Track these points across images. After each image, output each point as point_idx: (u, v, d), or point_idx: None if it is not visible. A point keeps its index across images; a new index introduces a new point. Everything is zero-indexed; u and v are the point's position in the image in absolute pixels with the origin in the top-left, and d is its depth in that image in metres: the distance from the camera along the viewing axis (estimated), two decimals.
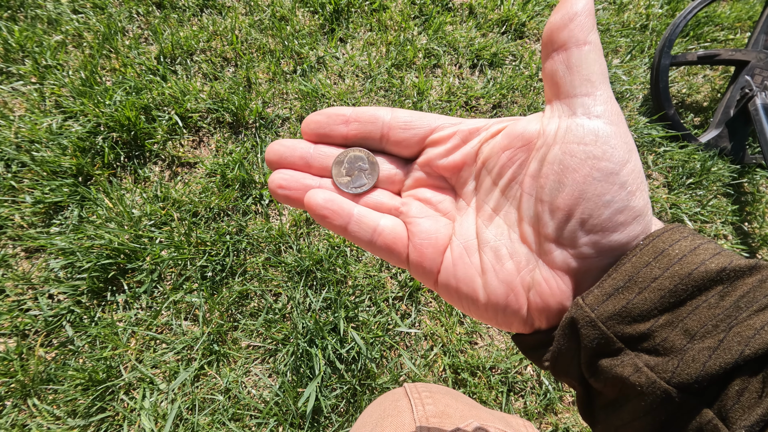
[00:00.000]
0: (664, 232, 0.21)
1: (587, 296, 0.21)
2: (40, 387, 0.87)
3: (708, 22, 1.49)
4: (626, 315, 0.20)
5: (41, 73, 1.15)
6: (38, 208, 1.01)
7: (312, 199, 0.25)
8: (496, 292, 0.23)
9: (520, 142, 0.24)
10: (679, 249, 0.20)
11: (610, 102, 0.21)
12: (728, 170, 1.24)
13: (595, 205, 0.20)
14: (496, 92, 1.28)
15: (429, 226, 0.25)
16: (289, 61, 1.28)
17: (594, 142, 0.21)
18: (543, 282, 0.22)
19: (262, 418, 0.88)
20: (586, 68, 0.21)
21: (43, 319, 0.92)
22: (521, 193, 0.23)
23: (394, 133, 0.26)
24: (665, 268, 0.19)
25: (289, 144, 0.26)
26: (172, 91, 1.15)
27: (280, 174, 0.25)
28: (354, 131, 0.26)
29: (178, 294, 0.96)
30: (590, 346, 0.20)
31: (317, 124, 0.26)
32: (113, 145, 1.09)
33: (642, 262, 0.20)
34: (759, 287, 0.18)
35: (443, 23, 1.38)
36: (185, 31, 1.26)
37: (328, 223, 0.25)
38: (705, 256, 0.19)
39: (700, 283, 0.19)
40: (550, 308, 0.22)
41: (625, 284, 0.20)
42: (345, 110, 0.26)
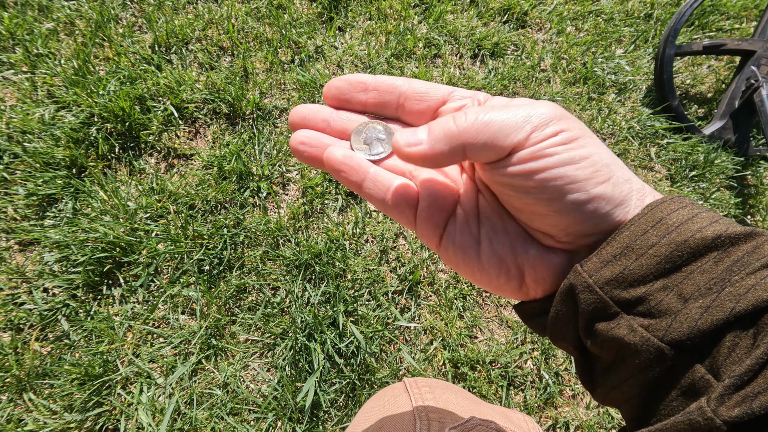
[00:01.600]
0: (663, 201, 0.21)
1: (585, 263, 0.21)
2: (35, 381, 0.86)
3: (714, 11, 1.46)
4: (623, 280, 0.20)
5: (32, 62, 1.13)
6: (31, 201, 1.00)
7: (331, 155, 0.26)
8: (489, 261, 0.24)
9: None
10: (676, 217, 0.20)
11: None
12: (732, 162, 1.23)
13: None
14: (497, 83, 1.26)
15: (436, 191, 0.26)
16: (286, 50, 1.25)
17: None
18: (537, 257, 0.24)
19: (261, 413, 0.87)
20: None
21: (38, 313, 0.91)
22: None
23: (409, 103, 0.27)
24: (662, 236, 0.20)
25: (313, 108, 0.27)
26: (167, 81, 1.13)
27: (303, 132, 0.27)
28: (372, 99, 0.27)
29: (175, 288, 0.95)
30: (587, 311, 0.21)
31: (338, 89, 0.27)
32: (107, 136, 1.07)
33: (640, 230, 0.20)
34: (753, 252, 0.19)
35: (444, 12, 1.35)
36: (180, 20, 1.24)
37: (344, 178, 0.26)
38: (702, 224, 0.20)
39: (696, 250, 0.19)
40: (545, 280, 0.24)
41: (623, 251, 0.20)
42: (365, 78, 0.27)
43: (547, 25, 1.39)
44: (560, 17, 1.39)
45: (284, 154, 1.12)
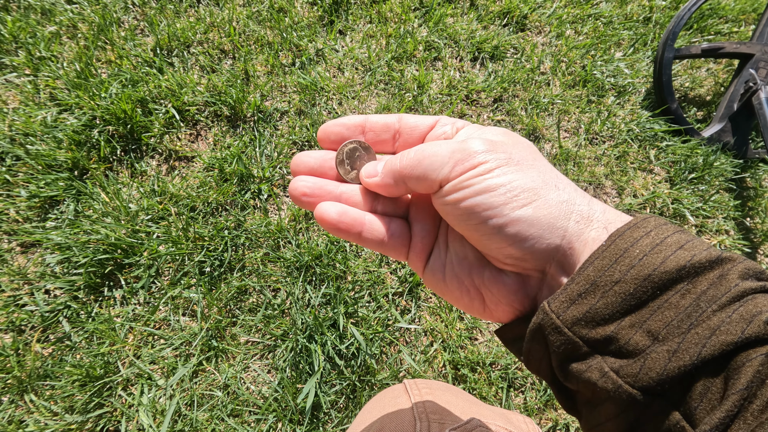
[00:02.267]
0: (628, 229, 0.21)
1: (553, 302, 0.22)
2: (36, 383, 0.86)
3: (712, 14, 1.47)
4: (590, 319, 0.20)
5: (35, 65, 1.13)
6: (33, 203, 1.00)
7: (327, 216, 0.27)
8: (452, 283, 0.27)
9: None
10: (640, 248, 0.20)
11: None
12: (731, 165, 1.23)
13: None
14: (497, 86, 1.27)
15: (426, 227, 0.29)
16: (287, 53, 1.26)
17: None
18: (491, 278, 0.25)
19: (261, 414, 0.87)
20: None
21: (39, 315, 0.91)
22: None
23: (403, 137, 0.29)
24: (626, 271, 0.20)
25: (316, 156, 0.29)
26: (168, 84, 1.14)
27: (302, 181, 0.28)
28: (370, 139, 0.29)
29: (176, 289, 0.95)
30: (558, 351, 0.21)
31: (338, 135, 0.28)
32: (109, 139, 1.07)
33: (604, 265, 0.20)
34: (719, 283, 0.18)
35: (444, 15, 1.36)
36: (182, 23, 1.24)
37: (344, 234, 0.27)
38: (666, 253, 0.20)
39: (660, 284, 0.19)
40: (501, 301, 0.25)
41: (588, 289, 0.21)
42: (360, 119, 0.29)
43: (547, 28, 1.40)
44: (560, 20, 1.40)
45: (285, 156, 1.13)
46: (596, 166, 1.21)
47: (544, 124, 1.24)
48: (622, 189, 1.20)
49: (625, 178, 1.21)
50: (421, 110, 1.22)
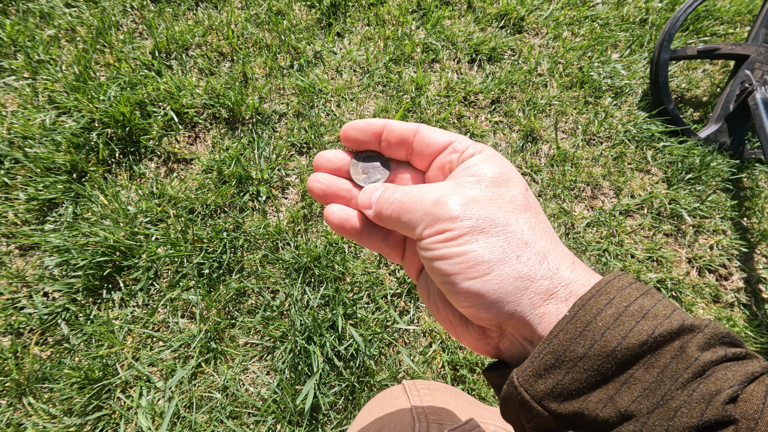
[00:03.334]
0: (591, 297, 0.21)
1: (521, 375, 0.22)
2: (35, 386, 0.86)
3: (708, 16, 1.48)
4: (558, 394, 0.21)
5: (34, 68, 1.13)
6: (32, 205, 1.00)
7: (331, 217, 0.29)
8: (433, 306, 0.29)
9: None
10: (602, 321, 0.20)
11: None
12: (727, 165, 1.24)
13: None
14: (494, 87, 1.27)
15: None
16: (286, 56, 1.26)
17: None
18: (459, 321, 0.27)
19: (260, 416, 0.87)
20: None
21: (37, 318, 0.91)
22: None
23: (417, 149, 0.30)
24: (589, 346, 0.20)
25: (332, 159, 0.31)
26: (167, 87, 1.14)
27: (319, 178, 0.30)
28: (385, 148, 0.30)
29: (174, 291, 0.95)
30: (529, 425, 0.22)
31: (355, 139, 0.30)
32: (108, 141, 1.08)
33: (567, 339, 0.21)
34: (680, 356, 0.19)
35: (441, 17, 1.36)
36: (180, 26, 1.25)
37: (347, 234, 0.30)
38: (629, 325, 0.20)
39: (624, 360, 0.19)
40: (470, 342, 0.26)
41: (554, 363, 0.21)
42: (381, 123, 0.29)
43: (544, 30, 1.41)
44: (556, 22, 1.41)
45: (283, 158, 1.13)
46: (594, 167, 1.22)
47: (541, 125, 1.25)
48: (619, 189, 1.20)
49: (623, 178, 1.21)
50: (419, 112, 1.22)
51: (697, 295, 1.10)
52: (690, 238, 1.16)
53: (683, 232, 1.17)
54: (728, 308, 1.10)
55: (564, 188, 1.18)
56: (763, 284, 1.13)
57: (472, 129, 1.22)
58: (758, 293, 1.12)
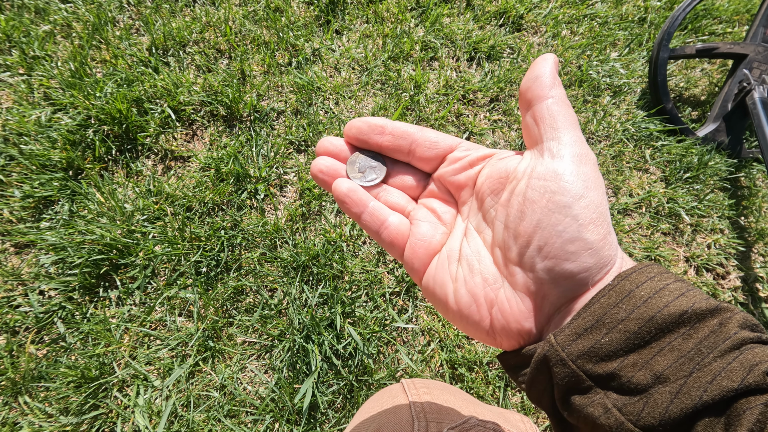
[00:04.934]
0: (633, 272, 0.22)
1: (558, 335, 0.22)
2: (31, 384, 0.85)
3: (706, 15, 1.48)
4: (594, 354, 0.21)
5: (29, 64, 1.12)
6: (27, 203, 0.99)
7: (337, 188, 0.29)
8: (462, 300, 0.26)
9: (499, 174, 0.27)
10: (644, 291, 0.21)
11: (575, 145, 0.24)
12: (725, 164, 1.24)
13: (549, 233, 0.23)
14: (493, 85, 1.27)
15: (426, 230, 0.29)
16: (284, 53, 1.25)
17: (553, 178, 0.23)
18: (505, 301, 0.25)
19: (258, 415, 0.87)
20: (550, 118, 0.25)
21: (33, 316, 0.90)
22: (494, 219, 0.27)
23: (419, 150, 0.29)
24: (630, 311, 0.21)
25: (337, 143, 0.30)
26: (164, 84, 1.13)
27: (322, 160, 0.30)
28: (387, 142, 0.29)
29: (172, 290, 0.95)
30: (561, 384, 0.22)
31: (358, 129, 0.29)
32: (104, 139, 1.07)
33: (610, 303, 0.21)
34: (719, 330, 0.19)
35: (440, 15, 1.36)
36: (177, 22, 1.24)
37: (347, 209, 0.29)
38: (669, 298, 0.20)
39: (663, 326, 0.20)
40: (510, 327, 0.25)
41: (594, 325, 0.21)
42: (384, 122, 0.29)
43: (543, 28, 1.40)
44: (555, 21, 1.41)
45: (281, 156, 1.13)
46: None
47: None
48: (618, 188, 1.21)
49: (621, 177, 1.21)
50: (418, 110, 1.22)
51: None
52: (688, 237, 1.17)
53: (681, 231, 1.17)
54: None
55: None
56: (760, 283, 1.14)
57: (471, 127, 1.22)
58: (755, 292, 1.13)
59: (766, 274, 1.14)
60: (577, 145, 0.24)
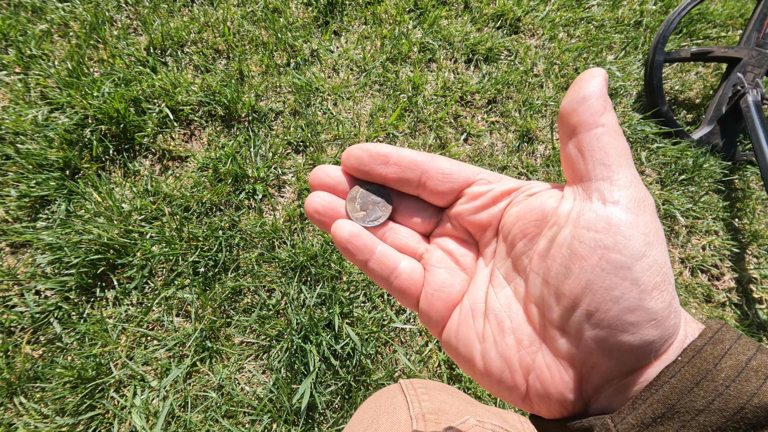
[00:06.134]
0: (706, 344, 0.18)
1: (620, 422, 0.18)
2: (26, 385, 0.85)
3: (701, 19, 1.50)
4: None
5: (26, 63, 1.12)
6: (24, 202, 0.99)
7: (338, 232, 0.25)
8: (492, 364, 0.23)
9: (534, 215, 0.23)
10: (725, 372, 0.17)
11: (631, 187, 0.20)
12: (720, 167, 1.25)
13: (602, 298, 0.19)
14: (491, 87, 1.28)
15: (444, 278, 0.25)
16: (282, 53, 1.26)
17: (606, 230, 0.19)
18: (545, 368, 0.21)
19: (256, 415, 0.87)
20: (600, 152, 0.20)
21: (29, 316, 0.90)
22: (529, 270, 0.23)
23: (431, 183, 0.25)
24: (711, 399, 0.17)
25: (333, 174, 0.26)
26: (162, 83, 1.13)
27: (318, 198, 0.26)
28: (393, 174, 0.25)
29: (169, 290, 0.95)
30: None
31: (358, 159, 0.25)
32: (102, 138, 1.06)
33: (683, 387, 0.17)
34: None
35: (438, 17, 1.36)
36: (176, 22, 1.24)
37: (350, 256, 0.25)
38: (756, 381, 0.17)
39: (755, 422, 0.16)
40: (551, 397, 0.21)
41: (664, 414, 0.18)
42: (387, 150, 0.25)
43: (540, 31, 1.41)
44: (552, 23, 1.42)
45: (279, 156, 1.13)
46: None
47: (537, 125, 1.26)
48: None
49: None
50: (416, 111, 1.22)
51: (690, 295, 1.11)
52: (683, 239, 1.18)
53: (676, 232, 1.19)
54: (720, 308, 1.11)
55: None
56: (753, 284, 1.15)
57: (469, 129, 1.23)
58: (749, 293, 1.14)
59: (760, 276, 1.15)
60: (634, 187, 0.20)
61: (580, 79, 0.21)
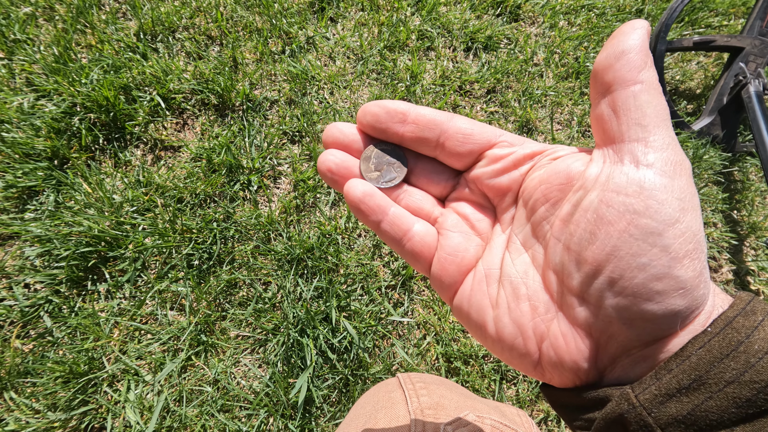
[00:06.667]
0: (737, 315, 0.17)
1: (641, 392, 0.18)
2: (17, 380, 0.83)
3: (703, 7, 1.47)
4: (692, 423, 0.17)
5: (9, 48, 1.08)
6: (10, 193, 0.96)
7: (351, 191, 0.24)
8: (504, 330, 0.22)
9: (558, 179, 0.22)
10: (758, 344, 0.16)
11: (668, 149, 0.18)
12: (719, 158, 1.25)
13: (627, 265, 0.18)
14: (490, 76, 1.26)
15: (458, 242, 0.24)
16: (277, 40, 1.22)
17: (637, 194, 0.18)
18: (560, 336, 0.20)
19: (252, 409, 0.86)
20: (636, 111, 0.19)
21: (18, 310, 0.88)
22: (550, 236, 0.22)
23: (450, 144, 0.24)
24: (742, 371, 0.16)
25: (348, 132, 0.25)
26: (153, 71, 1.10)
27: (331, 156, 0.25)
28: (410, 133, 0.24)
29: (163, 283, 0.93)
30: None
31: (375, 117, 0.24)
32: (91, 127, 1.03)
33: (713, 357, 0.17)
34: None
35: (437, 4, 1.33)
36: (166, 7, 1.20)
37: (363, 217, 0.24)
38: None
39: None
40: (564, 365, 0.20)
41: (691, 384, 0.17)
42: (405, 107, 0.24)
43: (540, 19, 1.39)
44: (553, 11, 1.39)
45: (275, 146, 1.10)
46: None
47: (537, 116, 1.24)
48: None
49: None
50: (415, 100, 1.20)
51: None
52: None
53: None
54: None
55: None
56: (751, 276, 1.15)
57: None
58: (747, 285, 1.14)
59: (757, 268, 1.15)
60: (671, 149, 0.18)
61: (619, 32, 0.19)
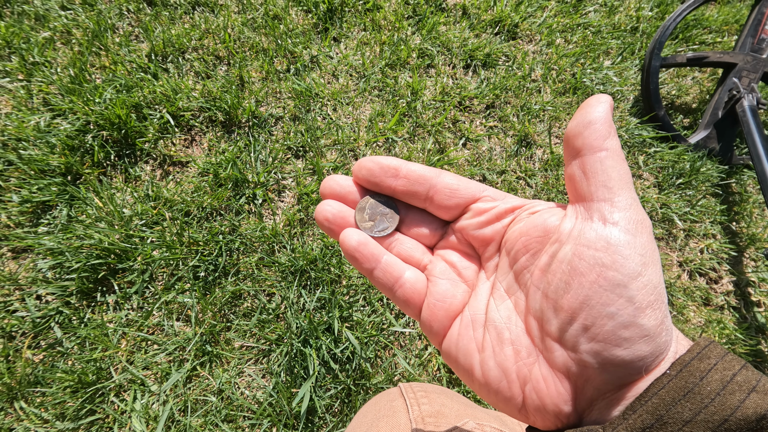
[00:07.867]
0: (693, 359, 0.19)
1: (612, 431, 0.19)
2: (27, 390, 0.85)
3: (696, 24, 1.51)
4: None
5: (28, 70, 1.13)
6: (25, 208, 0.99)
7: (347, 240, 0.26)
8: (490, 374, 0.23)
9: (537, 232, 0.24)
10: (711, 386, 0.18)
11: (630, 209, 0.21)
12: (716, 171, 1.26)
13: (598, 313, 0.20)
14: (489, 92, 1.29)
15: (446, 288, 0.26)
16: (282, 60, 1.27)
17: (605, 248, 0.20)
18: (541, 380, 0.22)
19: (256, 419, 0.87)
20: (603, 174, 0.21)
21: (30, 321, 0.90)
22: (530, 284, 0.24)
23: (438, 197, 0.26)
24: (697, 410, 0.18)
25: (344, 183, 0.28)
26: (163, 90, 1.14)
27: (328, 206, 0.27)
28: (402, 186, 0.26)
29: (169, 294, 0.95)
30: None
31: (369, 171, 0.26)
32: (103, 144, 1.07)
33: (671, 399, 0.18)
34: None
35: (437, 23, 1.38)
36: (177, 29, 1.25)
37: (357, 264, 0.26)
38: (740, 395, 0.18)
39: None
40: (546, 409, 0.22)
41: (654, 423, 0.18)
42: (397, 163, 0.26)
43: (537, 36, 1.43)
44: (550, 29, 1.43)
45: (279, 161, 1.14)
46: None
47: (535, 130, 1.27)
48: None
49: None
50: (415, 116, 1.23)
51: (688, 298, 1.12)
52: (681, 242, 1.18)
53: (674, 236, 1.19)
54: (718, 311, 1.12)
55: (558, 192, 1.19)
56: (752, 287, 1.15)
57: (468, 133, 1.24)
58: (747, 296, 1.14)
59: (757, 279, 1.16)
60: (633, 209, 0.21)
61: (586, 104, 0.22)
